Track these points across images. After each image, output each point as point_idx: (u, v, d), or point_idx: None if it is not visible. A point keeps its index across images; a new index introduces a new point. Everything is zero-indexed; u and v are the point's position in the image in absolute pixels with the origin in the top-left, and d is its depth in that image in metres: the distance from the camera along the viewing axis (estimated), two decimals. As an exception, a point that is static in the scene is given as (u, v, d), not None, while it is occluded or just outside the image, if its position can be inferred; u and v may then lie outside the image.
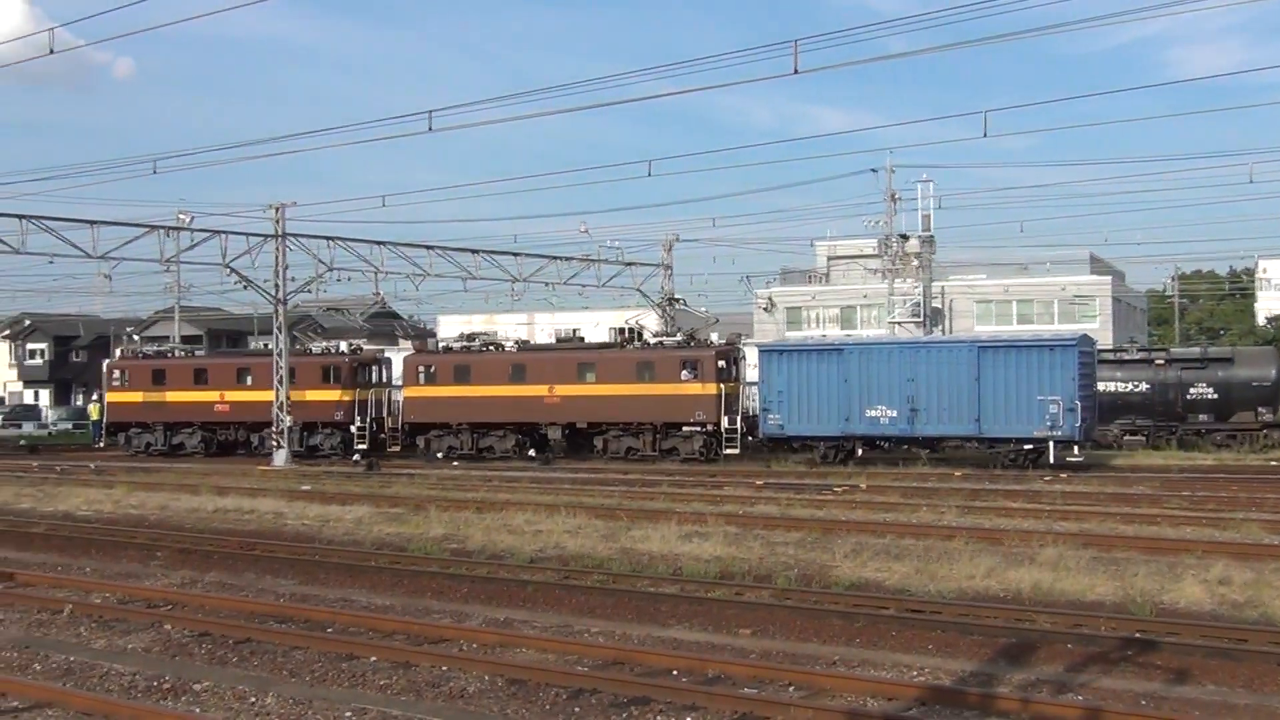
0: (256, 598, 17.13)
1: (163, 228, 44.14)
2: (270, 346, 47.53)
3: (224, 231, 45.00)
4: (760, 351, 41.63)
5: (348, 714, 10.97)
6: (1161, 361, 43.13)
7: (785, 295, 68.74)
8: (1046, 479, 32.96)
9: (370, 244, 47.97)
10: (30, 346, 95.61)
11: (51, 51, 26.08)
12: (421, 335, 77.29)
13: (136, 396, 51.69)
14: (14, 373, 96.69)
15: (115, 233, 42.50)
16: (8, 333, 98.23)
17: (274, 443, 44.87)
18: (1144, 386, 42.80)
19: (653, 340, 44.52)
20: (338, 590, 17.77)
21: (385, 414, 47.45)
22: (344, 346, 49.31)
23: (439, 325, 78.79)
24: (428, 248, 49.74)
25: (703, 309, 53.90)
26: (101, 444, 53.91)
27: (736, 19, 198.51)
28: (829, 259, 71.75)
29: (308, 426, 47.60)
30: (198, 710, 11.22)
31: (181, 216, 46.99)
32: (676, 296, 50.79)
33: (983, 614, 14.93)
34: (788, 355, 40.21)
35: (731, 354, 42.89)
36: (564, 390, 43.67)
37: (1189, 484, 30.87)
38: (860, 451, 39.12)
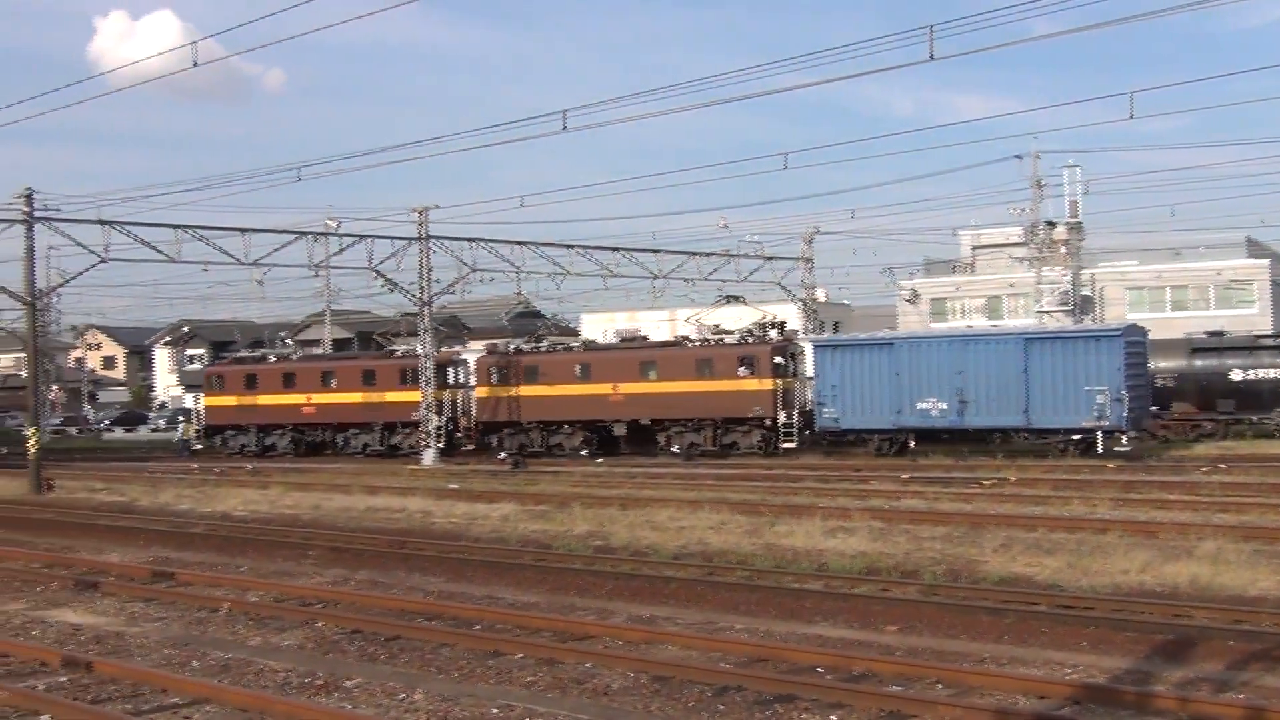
0: (406, 595, 17.38)
1: (311, 233, 45.25)
2: (416, 348, 48.40)
3: (370, 236, 46.01)
4: (815, 347, 42.61)
5: (494, 710, 11.06)
6: (1327, 346, 41.61)
7: (929, 286, 67.74)
8: (1204, 469, 32.00)
9: (511, 244, 48.55)
10: (189, 352, 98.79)
11: (195, 64, 26.76)
12: (565, 334, 77.88)
13: (231, 400, 53.62)
14: (174, 378, 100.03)
15: (266, 239, 43.67)
16: (168, 339, 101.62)
17: (422, 442, 45.73)
18: (1308, 372, 41.30)
19: (712, 338, 45.11)
20: (484, 587, 17.94)
21: (459, 414, 48.49)
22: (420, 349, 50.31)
23: (581, 324, 79.33)
24: (568, 247, 50.18)
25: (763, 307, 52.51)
26: (198, 446, 54.86)
27: (871, 7, 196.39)
28: (973, 248, 70.48)
29: (388, 426, 49.39)
30: (349, 706, 11.41)
31: (329, 222, 48.14)
32: (734, 295, 50.53)
33: (1138, 610, 14.52)
34: (841, 350, 40.82)
35: (788, 349, 43.66)
36: (627, 388, 44.64)
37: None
38: (913, 444, 39.43)
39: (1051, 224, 59.13)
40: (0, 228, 38.74)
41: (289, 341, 63.02)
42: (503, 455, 45.05)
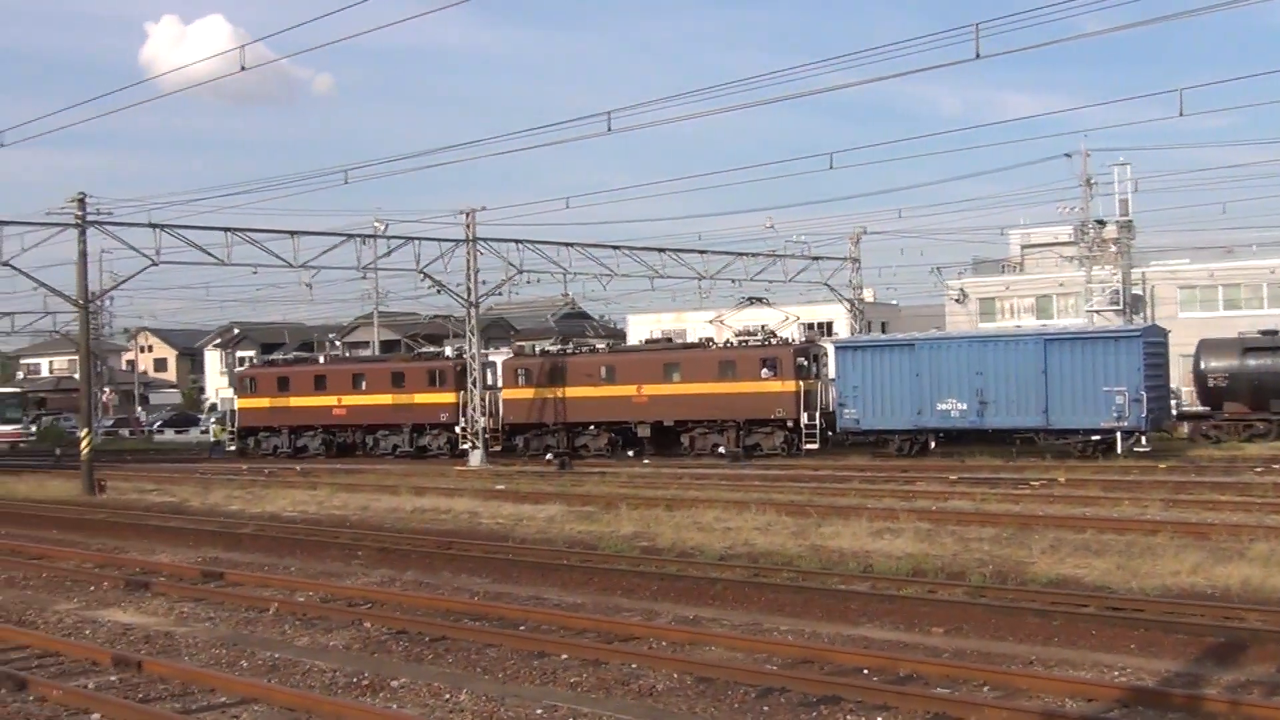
0: (452, 596, 17.44)
1: (359, 236, 45.52)
2: (466, 351, 48.61)
3: (417, 238, 46.19)
4: (836, 348, 42.77)
5: (539, 711, 11.09)
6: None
7: (978, 286, 67.27)
8: (1257, 470, 31.63)
9: (558, 245, 48.63)
10: (240, 354, 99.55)
11: (243, 68, 26.90)
12: (612, 335, 77.98)
13: (264, 402, 54.16)
14: (224, 380, 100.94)
15: (314, 242, 43.93)
16: (219, 341, 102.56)
17: (469, 443, 45.90)
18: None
19: (735, 340, 45.32)
20: (530, 588, 17.99)
21: (487, 415, 48.62)
22: (449, 352, 50.63)
23: (628, 325, 79.36)
24: (614, 247, 50.20)
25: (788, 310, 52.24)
26: (232, 448, 55.29)
27: (916, 5, 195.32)
28: (1023, 247, 69.96)
29: (417, 428, 49.99)
30: (395, 706, 11.47)
31: (377, 224, 48.43)
32: (757, 295, 50.50)
33: (1188, 612, 14.36)
34: (862, 351, 41.08)
35: (810, 351, 44.04)
36: (651, 390, 44.97)
37: None
38: (933, 444, 39.58)
39: (1101, 223, 58.61)
40: (54, 232, 39.26)
41: (337, 343, 63.48)
42: (549, 456, 45.20)
